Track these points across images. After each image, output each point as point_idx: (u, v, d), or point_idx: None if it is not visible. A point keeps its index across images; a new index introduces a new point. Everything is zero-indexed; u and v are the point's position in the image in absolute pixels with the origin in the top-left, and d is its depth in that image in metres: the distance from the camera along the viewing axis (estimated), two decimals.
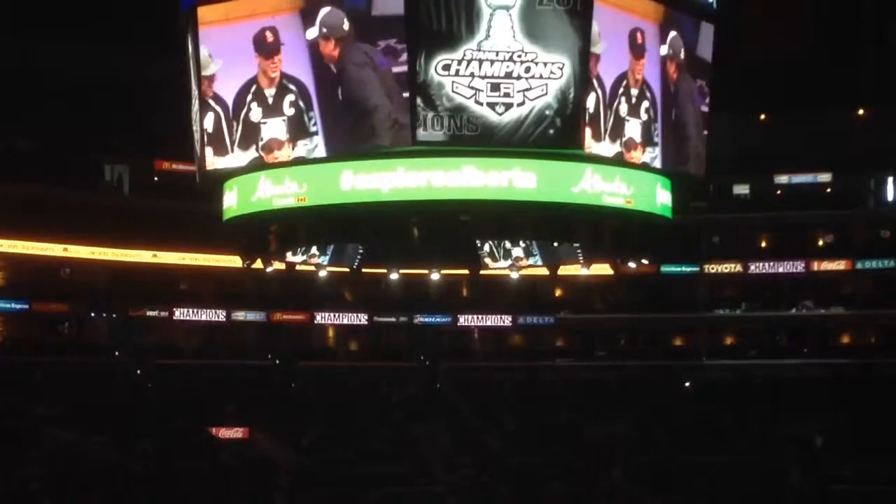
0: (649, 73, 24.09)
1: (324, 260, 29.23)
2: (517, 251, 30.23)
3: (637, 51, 23.72)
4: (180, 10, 25.23)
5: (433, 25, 22.48)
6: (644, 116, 23.99)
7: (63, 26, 67.37)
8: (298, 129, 24.04)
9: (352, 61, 22.91)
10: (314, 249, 28.77)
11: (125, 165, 74.49)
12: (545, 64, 22.82)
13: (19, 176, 67.02)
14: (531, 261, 30.35)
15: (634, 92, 23.80)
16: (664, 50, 24.37)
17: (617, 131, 23.51)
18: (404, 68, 22.52)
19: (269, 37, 24.02)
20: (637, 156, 23.99)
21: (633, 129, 23.87)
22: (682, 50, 24.85)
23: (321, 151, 23.87)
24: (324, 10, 22.92)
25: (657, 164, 24.52)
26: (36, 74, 67.46)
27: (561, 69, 22.82)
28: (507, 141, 22.80)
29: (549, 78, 22.80)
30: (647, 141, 24.16)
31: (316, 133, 23.93)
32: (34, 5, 65.55)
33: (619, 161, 23.79)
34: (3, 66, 66.59)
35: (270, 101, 24.43)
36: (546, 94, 22.80)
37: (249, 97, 24.37)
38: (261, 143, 24.31)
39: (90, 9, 65.99)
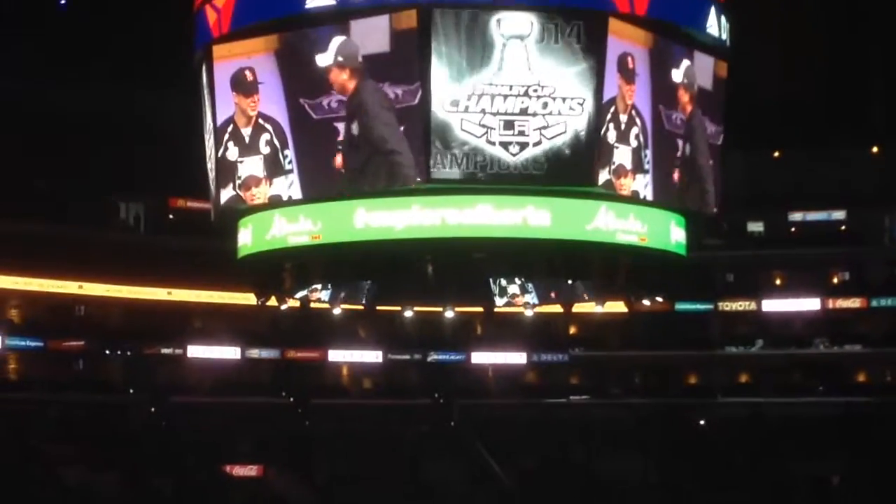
0: (640, 99, 23.50)
1: (325, 296, 29.03)
2: (513, 288, 30.03)
3: (627, 76, 23.18)
4: (195, 47, 25.35)
5: (442, 57, 22.39)
6: (634, 143, 23.34)
7: (78, 65, 67.58)
8: (275, 167, 24.20)
9: (366, 94, 22.90)
10: (317, 285, 28.68)
11: (140, 203, 74.68)
12: (564, 99, 22.53)
13: (35, 214, 67.19)
14: (527, 298, 30.18)
15: (624, 118, 23.21)
16: (678, 77, 24.11)
17: (606, 158, 23.03)
18: (412, 103, 22.46)
19: (249, 76, 24.17)
20: (627, 183, 23.44)
21: (622, 155, 23.27)
22: (697, 81, 24.64)
23: (296, 189, 24.03)
24: (338, 39, 22.93)
25: (648, 192, 23.83)
26: (51, 113, 67.68)
27: (581, 105, 22.56)
28: (521, 182, 22.69)
29: (568, 114, 22.59)
30: (638, 168, 23.56)
31: (291, 171, 24.07)
32: (50, 45, 65.79)
33: (632, 199, 23.69)
34: (19, 105, 66.82)
35: (247, 139, 24.63)
36: (565, 132, 22.65)
37: (226, 136, 24.54)
38: (238, 182, 24.44)
39: (106, 48, 66.23)
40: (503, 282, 29.60)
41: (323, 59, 22.99)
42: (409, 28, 22.28)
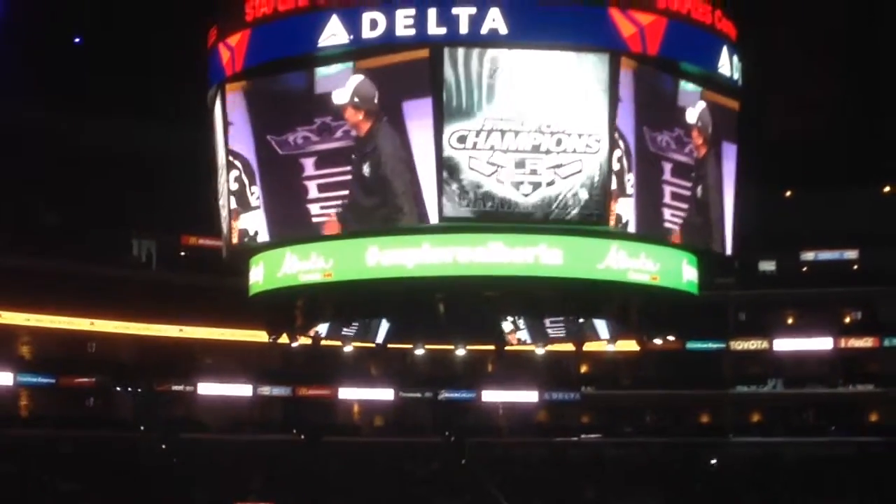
0: (623, 121, 23.17)
1: (322, 332, 28.95)
2: (506, 325, 29.90)
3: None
4: (209, 84, 25.44)
5: (451, 92, 22.29)
6: (616, 166, 23.01)
7: (90, 101, 67.76)
8: (242, 202, 24.34)
9: (381, 138, 22.87)
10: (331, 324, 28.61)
11: (152, 240, 74.77)
12: (580, 135, 22.38)
13: (47, 250, 67.32)
14: (519, 335, 30.08)
15: None
16: (692, 118, 23.93)
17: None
18: (423, 142, 22.42)
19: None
20: (611, 206, 23.13)
21: None
22: (711, 124, 24.49)
23: (262, 225, 24.27)
24: (356, 79, 22.94)
25: (632, 217, 23.27)
26: (63, 149, 67.86)
27: (599, 142, 22.47)
28: (533, 223, 22.55)
29: (584, 152, 22.47)
30: (621, 192, 23.19)
31: (258, 207, 24.18)
32: (61, 80, 65.98)
33: (643, 237, 23.62)
34: (30, 140, 67.03)
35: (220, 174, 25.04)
36: (580, 171, 22.48)
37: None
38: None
39: (117, 84, 66.41)
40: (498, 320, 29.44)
41: (339, 97, 23.06)
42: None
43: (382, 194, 22.76)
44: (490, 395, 79.46)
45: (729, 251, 25.77)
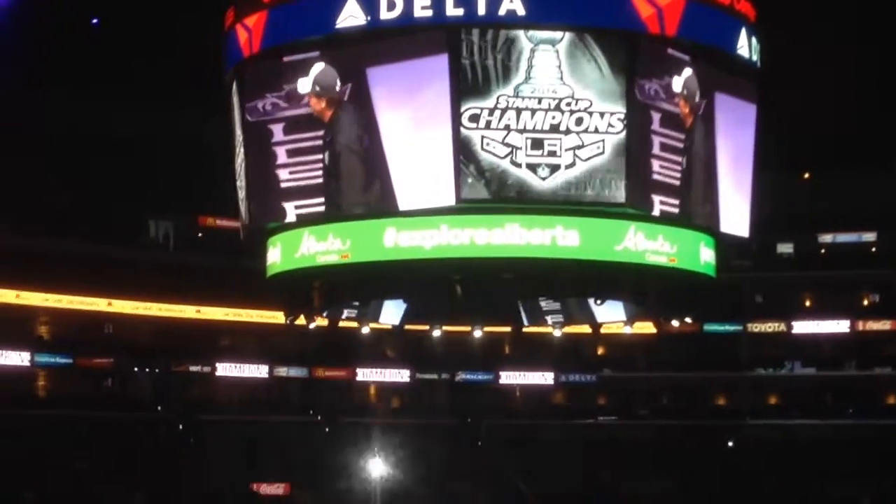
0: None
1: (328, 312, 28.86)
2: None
3: None
4: (227, 65, 25.42)
5: (467, 70, 21.80)
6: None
7: (109, 83, 67.83)
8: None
9: (341, 127, 22.86)
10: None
11: (170, 221, 74.90)
12: (602, 114, 21.90)
13: (65, 232, 67.48)
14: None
15: None
16: (677, 86, 23.49)
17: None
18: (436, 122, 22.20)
19: None
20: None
21: None
22: (698, 92, 24.08)
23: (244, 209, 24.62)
24: (318, 67, 22.91)
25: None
26: (81, 130, 67.96)
27: (622, 121, 21.98)
28: (552, 204, 22.28)
29: (606, 132, 22.05)
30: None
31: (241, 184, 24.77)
32: (80, 62, 66.04)
33: (661, 218, 23.47)
34: (49, 123, 67.15)
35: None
36: (603, 151, 22.18)
37: None
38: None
39: (137, 67, 66.51)
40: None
41: (302, 86, 23.04)
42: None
43: (353, 178, 22.86)
44: (507, 377, 79.52)
45: (746, 233, 25.53)
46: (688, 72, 23.26)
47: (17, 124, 64.54)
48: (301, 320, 27.28)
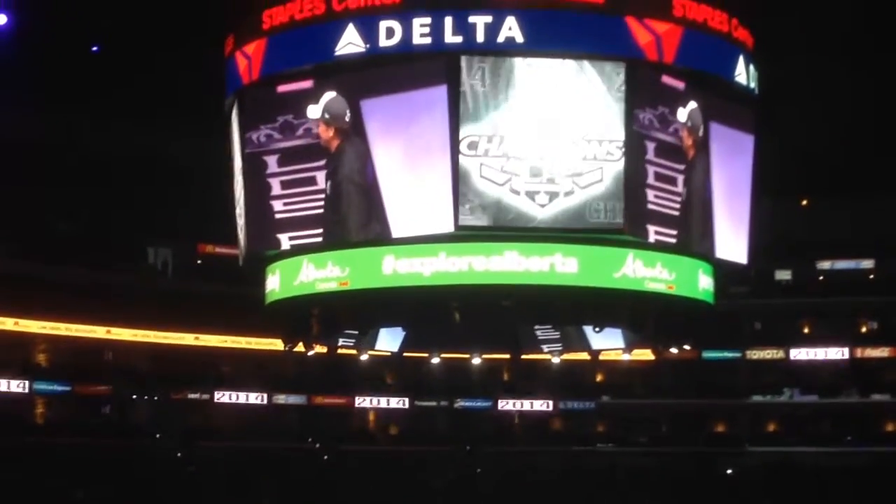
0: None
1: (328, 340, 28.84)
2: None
3: None
4: (227, 92, 25.52)
5: (466, 98, 21.95)
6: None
7: (108, 108, 67.84)
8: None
9: (346, 157, 22.94)
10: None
11: (169, 248, 74.93)
12: (600, 142, 22.08)
13: (63, 258, 67.48)
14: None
15: None
16: (682, 116, 23.58)
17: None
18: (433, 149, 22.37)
19: None
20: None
21: None
22: (702, 125, 24.17)
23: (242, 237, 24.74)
24: (328, 95, 23.01)
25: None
26: (80, 155, 68.03)
27: (620, 148, 22.21)
28: (550, 232, 22.37)
29: (605, 160, 22.21)
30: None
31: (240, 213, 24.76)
32: (78, 84, 66.05)
33: (660, 246, 23.53)
34: (46, 147, 67.19)
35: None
36: (601, 179, 22.30)
37: None
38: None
39: (135, 90, 66.50)
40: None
41: (312, 112, 23.13)
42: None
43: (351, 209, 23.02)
44: (505, 404, 79.50)
45: (744, 260, 25.61)
46: (692, 104, 23.38)
47: (16, 149, 64.66)
48: (300, 347, 27.32)
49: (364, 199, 22.63)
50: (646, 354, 29.08)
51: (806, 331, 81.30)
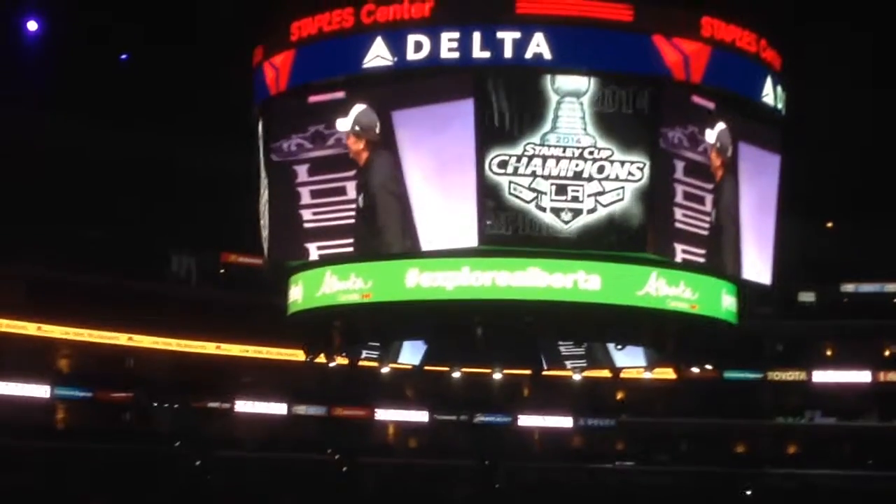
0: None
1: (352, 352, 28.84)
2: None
3: None
4: (254, 102, 25.59)
5: (493, 116, 22.20)
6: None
7: (133, 118, 68.06)
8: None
9: (376, 169, 22.98)
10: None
11: (193, 257, 75.04)
12: (622, 163, 22.31)
13: (87, 265, 67.65)
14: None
15: None
16: (711, 137, 23.64)
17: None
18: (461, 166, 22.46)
19: None
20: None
21: None
22: (731, 146, 24.19)
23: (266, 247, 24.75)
24: (359, 107, 23.07)
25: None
26: (105, 165, 68.23)
27: (641, 170, 22.34)
28: (574, 248, 22.46)
29: (626, 180, 22.36)
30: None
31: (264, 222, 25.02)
32: (101, 94, 66.26)
33: (688, 266, 23.47)
34: (72, 156, 67.39)
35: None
36: (623, 198, 22.47)
37: None
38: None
39: (159, 101, 66.71)
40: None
41: (342, 125, 23.19)
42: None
43: (381, 222, 23.09)
44: (525, 420, 79.34)
45: (768, 281, 25.56)
46: (721, 125, 23.41)
47: (42, 156, 64.97)
48: (321, 358, 27.31)
49: (399, 212, 22.67)
50: (667, 373, 29.02)
51: (828, 353, 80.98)
